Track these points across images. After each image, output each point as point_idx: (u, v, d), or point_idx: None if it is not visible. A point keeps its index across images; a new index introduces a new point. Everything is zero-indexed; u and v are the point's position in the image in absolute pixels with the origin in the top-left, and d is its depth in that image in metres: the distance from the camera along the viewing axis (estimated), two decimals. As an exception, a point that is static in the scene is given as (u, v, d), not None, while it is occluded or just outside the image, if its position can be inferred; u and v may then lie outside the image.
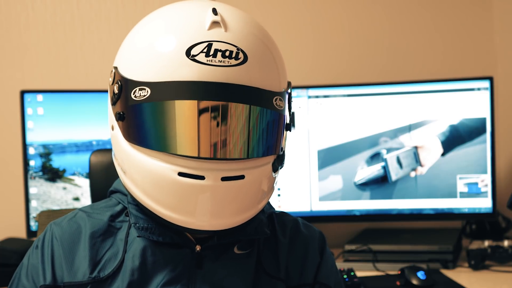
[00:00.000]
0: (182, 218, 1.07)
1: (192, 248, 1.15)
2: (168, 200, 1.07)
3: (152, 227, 1.14)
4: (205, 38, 1.04)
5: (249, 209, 1.11)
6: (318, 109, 2.30)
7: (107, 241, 1.17)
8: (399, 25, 2.53)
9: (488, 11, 2.50)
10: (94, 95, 2.26)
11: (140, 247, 1.14)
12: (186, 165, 1.04)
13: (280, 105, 1.10)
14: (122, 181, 1.15)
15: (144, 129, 1.05)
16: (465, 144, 2.23)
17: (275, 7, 2.49)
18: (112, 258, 1.15)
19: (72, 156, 2.24)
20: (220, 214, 1.07)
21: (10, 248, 2.14)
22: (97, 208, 1.23)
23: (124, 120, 1.08)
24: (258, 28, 1.12)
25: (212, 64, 1.02)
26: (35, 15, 2.41)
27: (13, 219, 2.34)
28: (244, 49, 1.05)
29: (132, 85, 1.06)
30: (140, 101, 1.05)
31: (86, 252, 1.15)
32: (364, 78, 2.43)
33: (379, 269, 2.15)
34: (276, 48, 1.14)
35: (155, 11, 1.14)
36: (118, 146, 1.11)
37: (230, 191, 1.06)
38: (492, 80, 2.21)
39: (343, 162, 2.29)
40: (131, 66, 1.08)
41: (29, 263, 1.18)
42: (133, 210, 1.16)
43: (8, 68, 2.41)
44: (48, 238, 1.18)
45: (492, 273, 2.09)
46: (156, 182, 1.06)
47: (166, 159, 1.05)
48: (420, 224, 2.44)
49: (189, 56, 1.03)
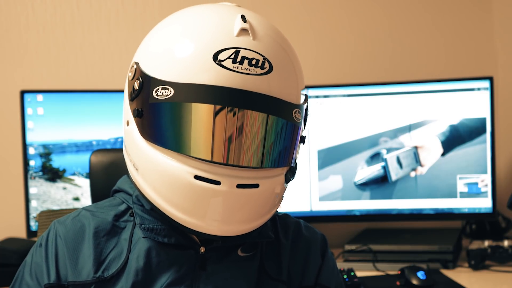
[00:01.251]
0: (193, 221, 1.07)
1: (196, 249, 1.15)
2: (180, 202, 1.06)
3: (157, 228, 1.14)
4: (233, 45, 1.04)
5: (259, 217, 1.12)
6: (318, 109, 2.30)
7: (111, 240, 1.16)
8: (400, 25, 2.53)
9: (488, 11, 2.50)
10: (94, 95, 2.26)
11: (145, 248, 1.14)
12: (202, 168, 1.04)
13: (298, 117, 1.10)
14: (132, 177, 1.15)
15: (163, 128, 1.05)
16: (465, 144, 2.23)
17: (275, 7, 2.49)
18: (117, 258, 1.15)
19: (72, 156, 2.24)
20: (230, 221, 1.08)
21: (10, 248, 2.14)
22: (101, 207, 1.22)
23: (142, 117, 1.08)
24: (282, 38, 1.13)
25: (238, 71, 1.03)
26: (35, 15, 2.41)
27: (13, 219, 2.34)
28: (270, 60, 1.06)
29: (154, 83, 1.06)
30: (162, 100, 1.04)
31: (91, 251, 1.15)
32: (364, 78, 2.43)
33: (379, 269, 2.15)
34: (297, 59, 1.15)
35: (181, 10, 1.15)
36: (133, 142, 1.11)
37: (243, 199, 1.06)
38: (492, 80, 2.21)
39: (343, 162, 2.30)
40: (154, 64, 1.08)
41: (32, 261, 1.17)
42: (138, 210, 1.16)
43: (8, 68, 2.41)
44: (52, 237, 1.17)
45: (492, 273, 2.09)
46: (170, 183, 1.06)
47: (181, 160, 1.05)
48: (420, 224, 2.44)
49: (216, 61, 1.03)
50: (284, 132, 1.08)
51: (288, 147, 1.09)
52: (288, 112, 1.07)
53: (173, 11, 1.17)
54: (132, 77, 1.11)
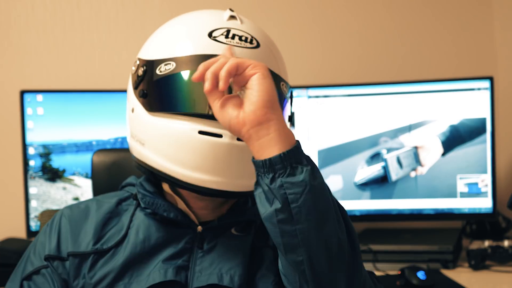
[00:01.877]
0: (199, 176, 1.13)
1: (194, 228, 1.21)
2: (187, 158, 1.13)
3: (158, 203, 1.21)
4: (224, 26, 1.18)
5: None
6: (318, 109, 2.30)
7: (113, 219, 1.24)
8: (400, 26, 2.53)
9: (488, 11, 2.50)
10: (94, 95, 2.26)
11: (145, 223, 1.21)
12: (204, 123, 1.12)
13: (285, 91, 1.20)
14: (138, 154, 1.20)
15: (168, 96, 1.15)
16: (465, 144, 2.23)
17: (275, 7, 2.49)
18: (116, 233, 1.22)
19: (72, 156, 2.24)
20: (233, 174, 1.14)
21: (10, 248, 2.14)
22: (107, 196, 1.31)
23: (147, 96, 1.16)
24: (266, 34, 1.25)
25: (231, 44, 1.15)
26: (35, 15, 2.41)
27: (13, 219, 2.34)
28: (257, 38, 1.19)
29: (157, 63, 1.16)
30: (166, 74, 1.14)
31: (92, 226, 1.22)
32: (364, 78, 2.43)
33: (379, 269, 2.15)
34: (281, 55, 1.25)
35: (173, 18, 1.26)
36: (138, 123, 1.18)
37: (244, 151, 1.12)
38: (492, 80, 2.21)
39: (343, 162, 2.30)
40: (155, 48, 1.19)
41: (38, 241, 1.24)
42: (141, 190, 1.24)
43: (8, 68, 2.41)
44: (57, 218, 1.25)
45: (492, 273, 2.09)
46: (177, 142, 1.13)
47: (186, 119, 1.13)
48: (420, 224, 2.44)
49: (211, 37, 1.15)
50: None
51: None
52: (276, 82, 1.11)
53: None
54: (135, 70, 1.20)
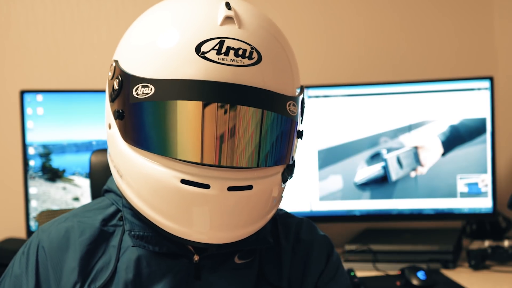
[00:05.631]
0: (181, 228, 0.99)
1: (190, 258, 1.07)
2: (168, 209, 0.98)
3: (148, 235, 1.06)
4: (217, 34, 0.95)
5: (255, 222, 1.03)
6: (318, 109, 2.30)
7: (99, 248, 1.08)
8: (399, 26, 2.53)
9: (488, 11, 2.50)
10: (94, 95, 2.26)
11: (134, 257, 1.06)
12: (189, 171, 0.96)
13: (293, 110, 1.01)
14: (117, 184, 1.07)
15: (145, 130, 0.97)
16: (465, 144, 2.23)
17: (275, 6, 2.49)
18: (104, 268, 1.07)
19: (72, 156, 2.24)
20: (222, 227, 0.99)
21: (10, 248, 2.14)
22: (89, 211, 1.14)
23: (123, 119, 0.99)
24: (273, 25, 1.04)
25: (224, 63, 0.94)
26: (35, 15, 2.41)
27: (13, 219, 2.34)
28: (258, 48, 0.97)
29: (134, 81, 0.97)
30: (142, 99, 0.96)
31: (76, 263, 1.06)
32: (364, 78, 2.43)
33: (379, 269, 2.15)
34: (290, 48, 1.06)
35: (161, 2, 1.06)
36: (115, 147, 1.03)
37: (236, 202, 0.98)
38: (492, 80, 2.21)
39: (343, 162, 2.29)
40: (133, 60, 1.00)
41: (12, 273, 1.11)
42: (128, 215, 1.08)
43: (8, 68, 2.41)
44: (33, 249, 1.10)
45: (492, 273, 2.09)
46: (155, 189, 0.98)
47: (167, 164, 0.96)
48: (420, 224, 2.44)
49: (199, 53, 0.94)
50: (278, 127, 0.99)
51: (283, 143, 1.01)
52: (281, 105, 0.98)
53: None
54: (111, 77, 1.04)
